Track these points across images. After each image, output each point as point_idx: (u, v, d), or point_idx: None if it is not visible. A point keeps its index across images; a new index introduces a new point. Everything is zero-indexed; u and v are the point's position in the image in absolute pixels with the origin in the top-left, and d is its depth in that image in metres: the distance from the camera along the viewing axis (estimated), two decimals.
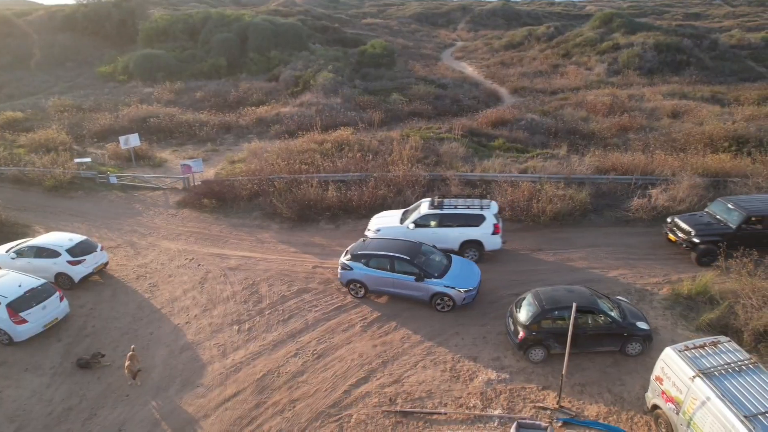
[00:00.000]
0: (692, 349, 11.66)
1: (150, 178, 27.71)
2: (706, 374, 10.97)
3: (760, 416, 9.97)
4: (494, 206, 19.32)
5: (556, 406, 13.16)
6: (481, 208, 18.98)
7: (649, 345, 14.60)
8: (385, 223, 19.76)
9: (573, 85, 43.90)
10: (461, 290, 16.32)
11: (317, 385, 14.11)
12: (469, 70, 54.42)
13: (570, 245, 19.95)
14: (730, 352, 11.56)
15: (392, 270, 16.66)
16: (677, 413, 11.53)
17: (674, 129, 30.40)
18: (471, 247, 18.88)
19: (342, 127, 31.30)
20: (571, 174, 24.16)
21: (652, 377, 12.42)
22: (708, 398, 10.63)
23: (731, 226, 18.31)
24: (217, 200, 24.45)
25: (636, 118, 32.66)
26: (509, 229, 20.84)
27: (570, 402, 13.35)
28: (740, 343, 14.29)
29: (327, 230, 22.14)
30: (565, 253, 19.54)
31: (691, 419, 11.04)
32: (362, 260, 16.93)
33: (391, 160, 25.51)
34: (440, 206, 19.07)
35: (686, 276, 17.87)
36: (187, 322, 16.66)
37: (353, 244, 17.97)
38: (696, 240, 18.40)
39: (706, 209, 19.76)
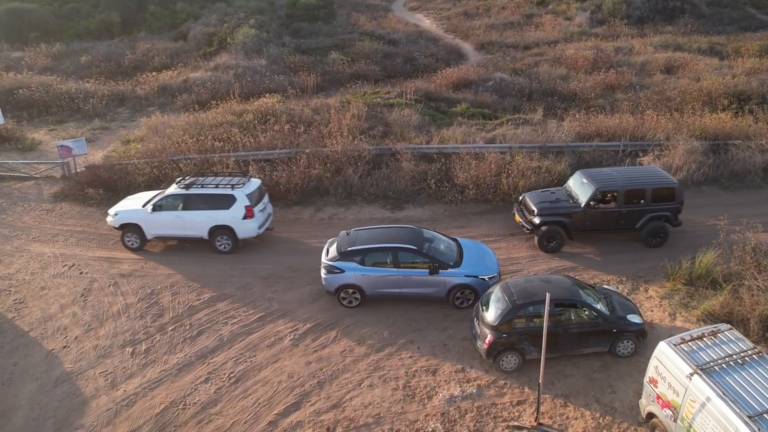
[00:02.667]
0: (689, 341, 11.70)
1: (18, 165, 26.27)
2: (706, 370, 11.01)
3: (766, 415, 10.05)
4: (252, 185, 19.46)
5: (534, 424, 13.01)
6: (232, 187, 19.01)
7: (643, 342, 14.66)
8: (126, 206, 19.82)
9: (550, 37, 44.28)
10: (485, 278, 16.22)
11: (235, 416, 13.59)
12: (426, 23, 54.23)
13: None
14: (731, 342, 11.66)
15: (396, 265, 16.26)
16: (675, 420, 11.54)
17: (668, 86, 31.05)
18: (222, 234, 19.13)
19: (267, 95, 30.66)
20: (548, 142, 24.28)
21: (646, 380, 12.44)
22: (708, 398, 10.67)
23: (580, 204, 18.67)
24: (106, 190, 23.46)
25: (624, 74, 33.21)
26: (474, 211, 20.65)
27: (551, 418, 13.24)
28: (747, 332, 14.55)
29: None
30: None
31: (690, 426, 11.08)
32: (355, 258, 16.39)
33: (328, 132, 25.21)
34: (190, 186, 19.26)
35: (686, 257, 18.09)
36: (64, 347, 15.82)
37: (333, 240, 17.50)
38: (536, 221, 18.71)
39: (566, 184, 20.12)
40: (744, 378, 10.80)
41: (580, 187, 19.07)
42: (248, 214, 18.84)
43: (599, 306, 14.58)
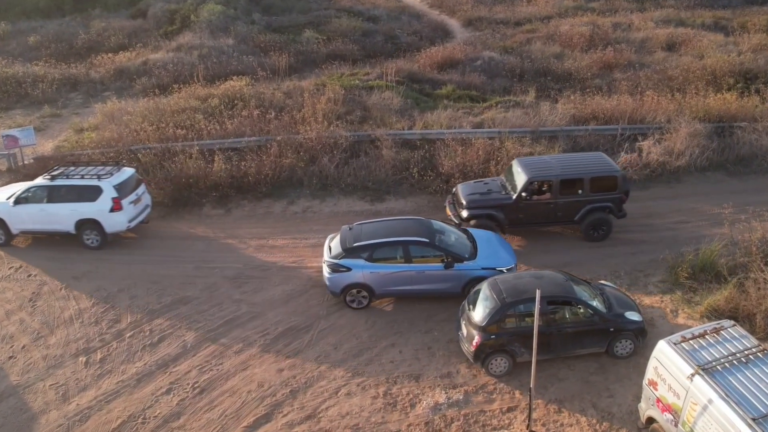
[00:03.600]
0: (690, 339, 11.76)
1: None
2: (708, 370, 11.07)
3: None
4: (123, 174, 19.50)
5: None
6: (99, 177, 19.03)
7: (643, 341, 14.73)
8: None
9: (543, 13, 44.26)
10: (503, 269, 16.29)
11: (199, 430, 13.47)
12: None
13: None
14: (735, 339, 11.72)
15: (408, 260, 16.26)
16: (675, 425, 11.59)
17: (669, 64, 31.18)
18: (89, 228, 19.18)
19: (235, 77, 30.44)
20: (540, 126, 24.29)
21: (645, 382, 12.49)
22: (710, 400, 10.73)
23: (512, 195, 18.75)
24: None
25: (622, 52, 33.31)
26: None
27: (544, 425, 13.26)
28: (753, 328, 14.66)
29: (214, 217, 21.64)
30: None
31: (692, 430, 11.14)
32: (362, 254, 16.32)
33: (302, 117, 25.09)
34: (57, 177, 19.27)
35: (688, 249, 18.22)
36: (10, 357, 15.65)
37: (334, 236, 17.43)
38: (464, 214, 18.72)
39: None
40: (748, 378, 10.87)
41: (514, 177, 19.04)
42: (115, 206, 18.77)
43: (595, 303, 14.61)
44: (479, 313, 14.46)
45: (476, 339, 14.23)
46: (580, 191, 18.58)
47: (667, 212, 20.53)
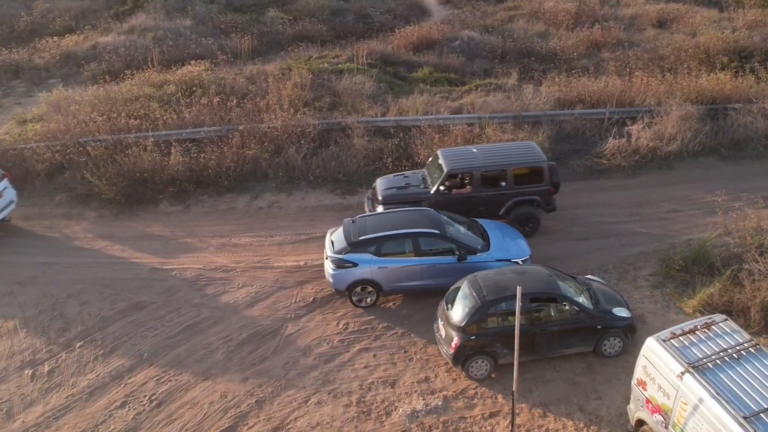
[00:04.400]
0: (680, 336, 11.94)
1: None
2: (698, 368, 11.26)
3: (762, 414, 10.36)
4: None
5: None
6: None
7: (633, 339, 14.92)
8: None
9: None
10: (519, 261, 16.58)
11: None
12: None
13: None
14: (726, 334, 11.94)
15: (418, 253, 16.47)
16: (666, 427, 11.78)
17: (660, 43, 31.41)
18: None
19: (193, 62, 30.10)
20: (523, 111, 24.39)
21: (634, 382, 12.67)
22: (701, 399, 10.92)
23: (431, 189, 18.83)
24: None
25: (611, 30, 33.36)
26: None
27: (528, 431, 13.41)
28: (748, 322, 15.01)
29: (172, 214, 21.60)
30: None
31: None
32: (369, 249, 16.47)
33: (266, 105, 25.00)
34: None
35: (680, 240, 18.54)
36: None
37: (335, 230, 17.49)
38: (380, 210, 18.72)
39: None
40: (740, 374, 11.08)
41: (435, 170, 19.15)
42: None
43: (581, 299, 14.80)
44: (458, 312, 14.57)
45: (455, 340, 14.34)
46: (503, 184, 18.67)
47: (657, 201, 20.79)
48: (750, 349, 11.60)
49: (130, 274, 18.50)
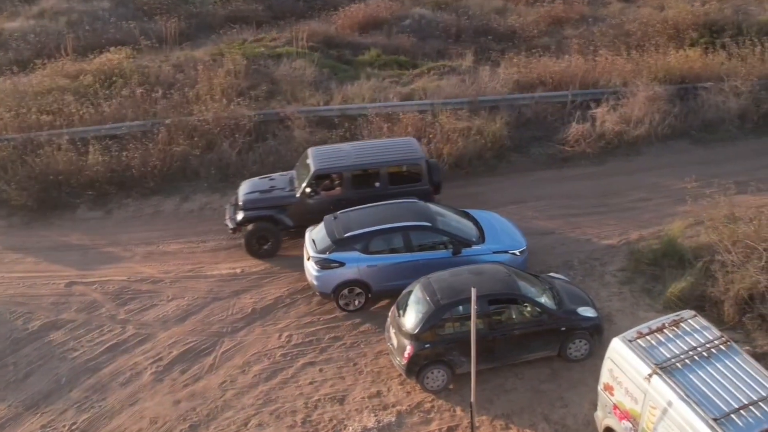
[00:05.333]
0: (647, 335, 12.17)
1: None
2: (666, 369, 11.48)
3: (733, 415, 10.64)
4: None
5: None
6: None
7: (599, 340, 15.18)
8: None
9: None
10: (516, 252, 17.04)
11: None
12: None
13: (482, 203, 20.33)
14: (696, 331, 12.23)
15: (409, 249, 16.72)
16: None
17: (627, 17, 32.00)
18: None
19: (113, 49, 29.56)
20: (480, 95, 24.65)
21: (600, 387, 12.88)
22: (670, 402, 11.14)
23: (297, 191, 18.97)
24: None
25: (573, 4, 33.87)
26: None
27: None
28: (721, 317, 15.46)
29: (91, 221, 21.32)
30: None
31: None
32: (356, 246, 16.63)
33: (196, 95, 24.83)
34: None
35: (650, 232, 18.97)
36: None
37: (315, 228, 17.60)
38: (239, 217, 18.80)
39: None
40: (710, 374, 11.34)
41: (304, 170, 19.20)
42: None
43: (543, 299, 15.04)
44: (411, 319, 14.66)
45: (408, 350, 14.42)
46: (377, 184, 18.87)
47: (625, 189, 21.23)
48: (721, 346, 11.88)
49: (46, 289, 18.24)
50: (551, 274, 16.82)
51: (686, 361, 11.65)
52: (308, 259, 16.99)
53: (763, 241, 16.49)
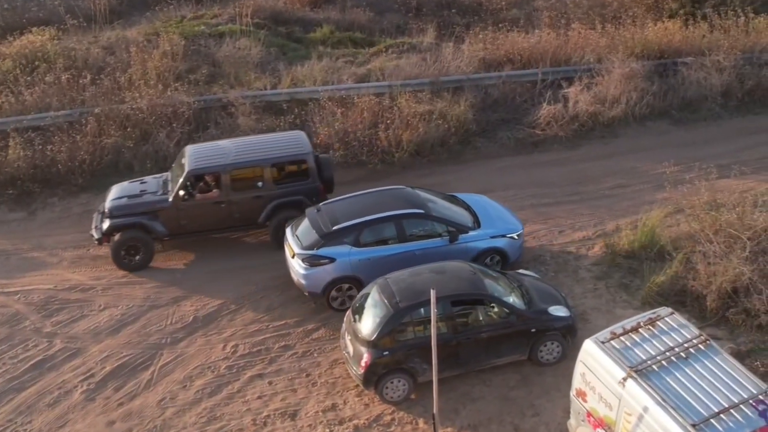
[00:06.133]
0: (621, 335, 12.24)
1: None
2: (642, 372, 11.54)
3: (713, 420, 10.78)
4: None
5: None
6: None
7: (573, 341, 15.28)
8: None
9: None
10: (514, 236, 17.61)
11: None
12: None
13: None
14: (673, 330, 12.34)
15: (403, 239, 17.04)
16: None
17: None
18: None
19: (35, 29, 29.24)
20: (442, 75, 24.75)
21: (572, 392, 12.95)
22: (646, 408, 11.23)
23: (170, 195, 18.78)
24: None
25: None
26: (343, 180, 20.81)
27: None
28: (703, 313, 15.77)
29: (12, 222, 21.21)
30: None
31: None
32: (345, 240, 16.80)
33: (128, 80, 24.72)
34: None
35: (627, 221, 19.15)
36: None
37: (298, 223, 17.64)
38: (105, 225, 18.55)
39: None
40: (688, 376, 11.43)
41: (179, 171, 18.97)
42: None
43: (511, 299, 15.09)
44: (368, 324, 14.62)
45: (366, 358, 14.38)
46: (260, 184, 18.73)
47: (601, 176, 21.49)
48: (699, 346, 11.98)
49: None
50: (520, 270, 16.94)
51: (663, 362, 11.71)
52: (293, 257, 16.99)
53: (747, 230, 16.81)
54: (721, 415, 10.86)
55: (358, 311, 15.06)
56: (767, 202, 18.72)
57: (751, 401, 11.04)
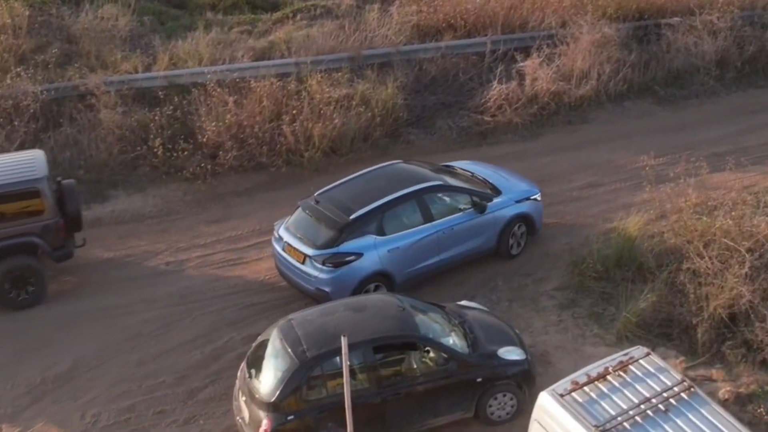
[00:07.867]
0: (584, 385, 12.21)
1: None
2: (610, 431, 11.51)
3: None
4: None
5: None
6: None
7: (530, 392, 15.18)
8: None
9: None
10: (536, 197, 19.39)
11: None
12: None
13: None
14: (649, 376, 12.35)
15: (428, 218, 17.91)
16: None
17: None
18: None
19: None
20: (365, 48, 24.76)
21: None
22: None
23: None
24: None
25: None
26: (238, 189, 20.70)
27: None
28: (693, 347, 15.83)
29: None
30: None
31: None
32: (368, 228, 17.36)
33: None
34: None
35: (599, 231, 19.30)
36: None
37: (291, 223, 18.00)
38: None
39: None
40: None
41: None
42: None
43: (451, 340, 14.96)
44: (267, 381, 14.40)
45: (265, 424, 14.15)
46: None
47: (567, 172, 21.59)
48: (682, 395, 11.95)
49: None
50: (463, 302, 16.81)
51: (637, 419, 11.64)
52: (303, 262, 17.06)
53: (746, 239, 16.82)
54: None
55: (255, 364, 14.80)
56: None
57: None
